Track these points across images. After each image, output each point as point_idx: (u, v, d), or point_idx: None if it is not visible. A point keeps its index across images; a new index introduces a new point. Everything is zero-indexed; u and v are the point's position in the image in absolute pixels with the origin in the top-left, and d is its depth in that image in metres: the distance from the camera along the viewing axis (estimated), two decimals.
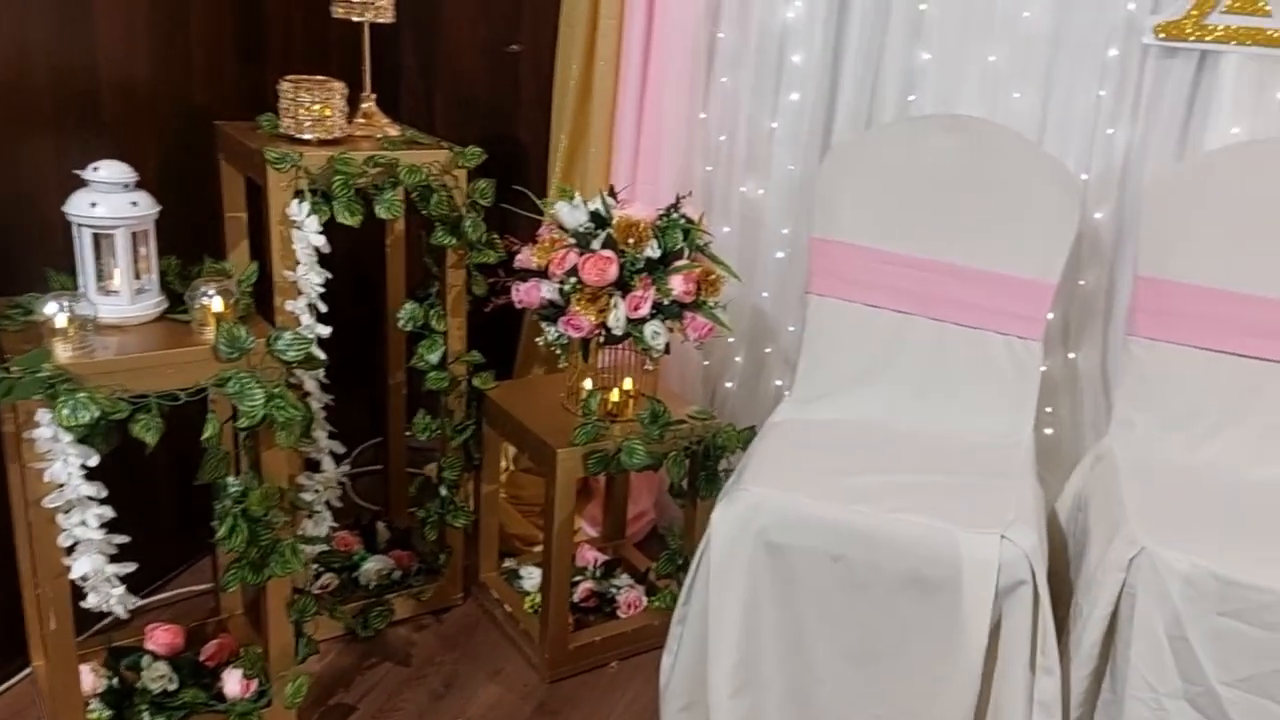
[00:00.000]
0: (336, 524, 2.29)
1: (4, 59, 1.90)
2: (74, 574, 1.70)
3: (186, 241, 1.99)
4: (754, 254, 2.62)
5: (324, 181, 1.98)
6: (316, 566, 2.34)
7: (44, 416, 1.59)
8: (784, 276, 2.61)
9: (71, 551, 1.69)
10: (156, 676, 2.01)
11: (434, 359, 2.26)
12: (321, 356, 1.97)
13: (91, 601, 1.73)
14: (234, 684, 1.99)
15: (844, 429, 2.10)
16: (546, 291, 2.15)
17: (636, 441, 2.15)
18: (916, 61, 2.39)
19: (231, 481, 1.84)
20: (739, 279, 2.32)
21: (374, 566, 2.40)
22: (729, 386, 2.73)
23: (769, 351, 2.68)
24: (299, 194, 1.95)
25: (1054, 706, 1.72)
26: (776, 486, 1.81)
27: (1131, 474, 1.92)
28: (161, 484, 2.33)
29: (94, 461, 1.64)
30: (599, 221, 2.15)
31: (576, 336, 2.13)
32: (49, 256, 1.91)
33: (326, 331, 2.03)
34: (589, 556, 2.53)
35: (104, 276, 1.76)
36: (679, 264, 2.16)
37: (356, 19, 2.15)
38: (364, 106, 2.22)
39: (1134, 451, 2.02)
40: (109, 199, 1.71)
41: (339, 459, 2.22)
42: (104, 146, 1.95)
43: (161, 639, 2.09)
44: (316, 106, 2.02)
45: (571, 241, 2.15)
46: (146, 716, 1.94)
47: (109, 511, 1.68)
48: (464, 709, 2.14)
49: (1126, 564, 1.66)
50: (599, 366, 2.25)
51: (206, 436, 1.77)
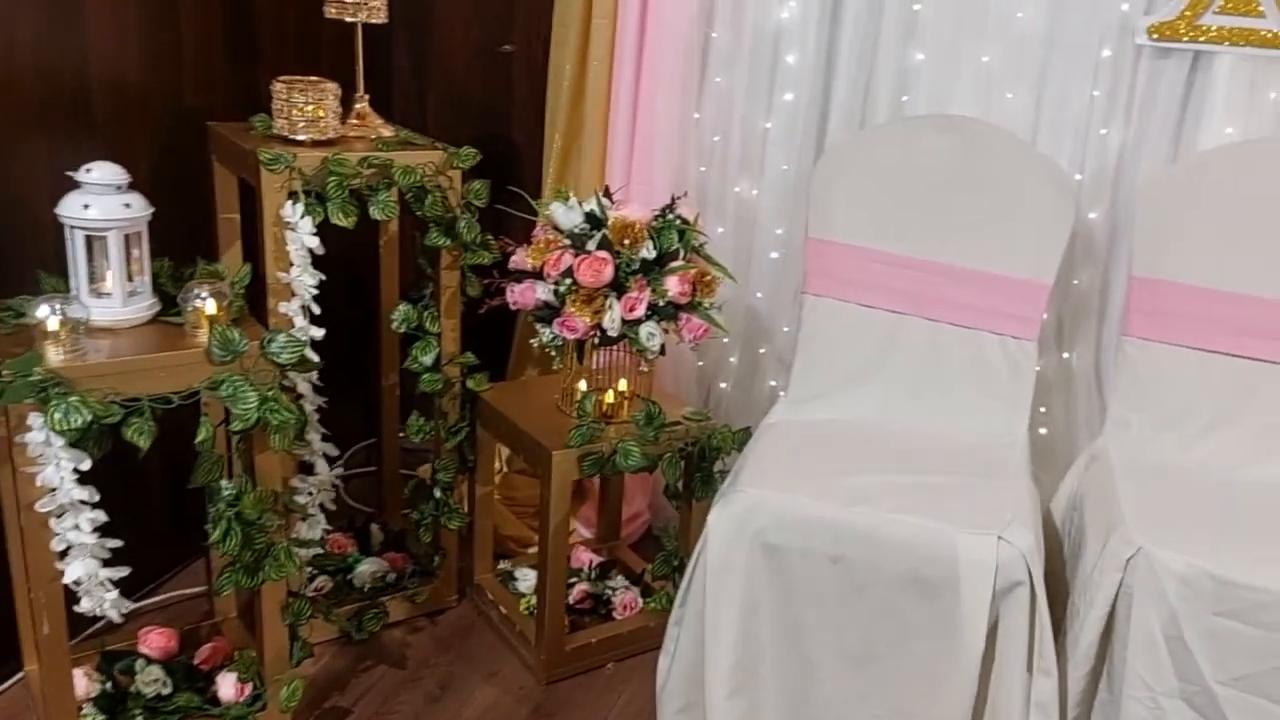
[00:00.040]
0: (330, 526, 2.27)
1: None
2: (67, 578, 1.69)
3: (179, 243, 1.98)
4: (748, 254, 2.62)
5: (318, 183, 1.97)
6: (310, 569, 2.33)
7: (36, 420, 1.58)
8: (778, 277, 2.61)
9: (64, 556, 1.68)
10: (150, 680, 2.00)
11: (428, 361, 2.25)
12: (315, 358, 1.96)
13: (85, 606, 1.72)
14: (228, 688, 1.98)
15: (839, 429, 2.10)
16: (541, 293, 2.15)
17: (631, 443, 2.15)
18: (910, 62, 2.39)
19: (225, 485, 1.83)
20: (734, 279, 2.32)
21: (368, 569, 2.40)
22: (724, 387, 2.73)
23: (764, 352, 2.68)
24: (293, 195, 1.95)
25: (1051, 707, 1.72)
26: (774, 487, 1.81)
27: (1126, 474, 1.92)
28: (155, 487, 2.33)
29: (86, 465, 1.63)
30: (594, 222, 2.15)
31: (571, 338, 2.12)
32: (40, 258, 1.90)
33: (320, 333, 2.02)
34: (584, 558, 2.53)
35: (96, 279, 1.75)
36: (674, 265, 2.16)
37: (349, 19, 2.15)
38: (357, 107, 2.21)
39: (1129, 451, 2.02)
40: (102, 201, 1.70)
41: (333, 461, 2.22)
42: (96, 147, 1.93)
43: (155, 643, 2.08)
44: (310, 107, 2.01)
45: (566, 242, 2.14)
46: None
47: (102, 515, 1.67)
48: (460, 711, 2.13)
49: (1123, 564, 1.66)
50: (594, 368, 2.24)
51: (200, 440, 1.76)
